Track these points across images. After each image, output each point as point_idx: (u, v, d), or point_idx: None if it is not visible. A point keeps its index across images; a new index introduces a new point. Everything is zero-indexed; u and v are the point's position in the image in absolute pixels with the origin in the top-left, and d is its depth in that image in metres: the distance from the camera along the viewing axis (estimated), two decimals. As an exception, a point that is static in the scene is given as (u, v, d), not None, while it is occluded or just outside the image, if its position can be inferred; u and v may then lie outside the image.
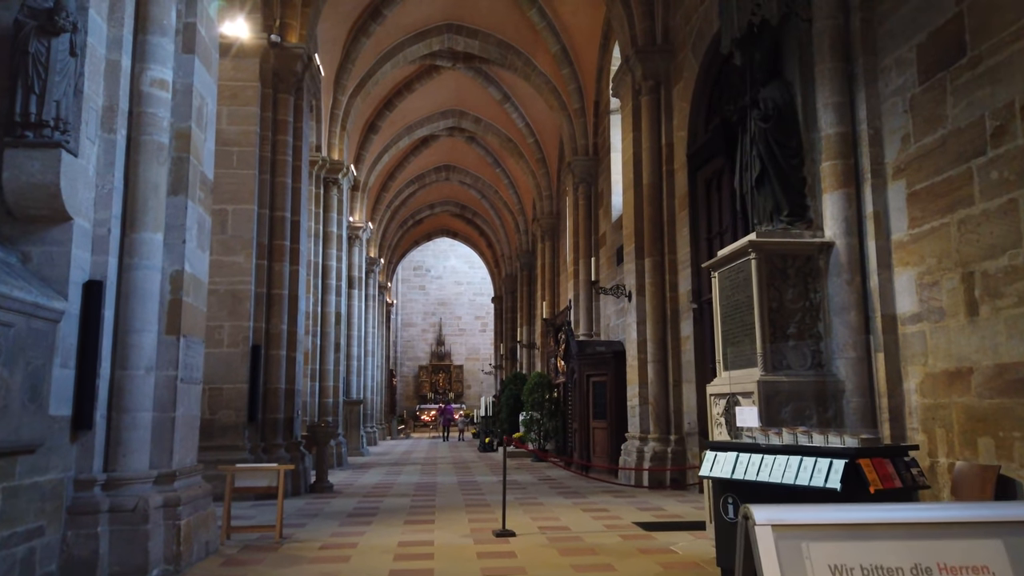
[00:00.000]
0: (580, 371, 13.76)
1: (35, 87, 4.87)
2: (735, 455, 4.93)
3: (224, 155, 10.55)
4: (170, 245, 5.85)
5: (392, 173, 25.98)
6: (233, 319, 10.30)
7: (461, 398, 44.23)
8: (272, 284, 10.87)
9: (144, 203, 5.64)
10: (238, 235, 10.47)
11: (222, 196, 10.46)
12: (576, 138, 16.97)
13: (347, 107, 16.95)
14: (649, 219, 11.45)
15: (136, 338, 5.51)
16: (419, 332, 46.38)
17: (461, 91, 21.61)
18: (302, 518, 8.19)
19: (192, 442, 6.14)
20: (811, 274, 6.41)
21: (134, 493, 5.31)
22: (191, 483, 5.92)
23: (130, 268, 5.55)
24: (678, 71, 11.27)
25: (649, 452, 10.88)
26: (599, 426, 13.29)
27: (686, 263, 10.84)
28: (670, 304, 11.14)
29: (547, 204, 22.28)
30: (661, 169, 11.47)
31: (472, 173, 27.97)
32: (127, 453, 5.38)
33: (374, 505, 9.27)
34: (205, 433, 9.93)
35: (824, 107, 6.58)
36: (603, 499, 9.61)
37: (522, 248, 27.59)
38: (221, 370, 10.19)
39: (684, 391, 10.81)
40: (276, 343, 10.83)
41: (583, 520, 7.87)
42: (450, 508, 8.98)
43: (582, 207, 16.82)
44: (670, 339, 11.06)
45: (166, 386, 5.70)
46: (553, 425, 16.97)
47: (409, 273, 46.23)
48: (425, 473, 14.12)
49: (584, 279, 16.62)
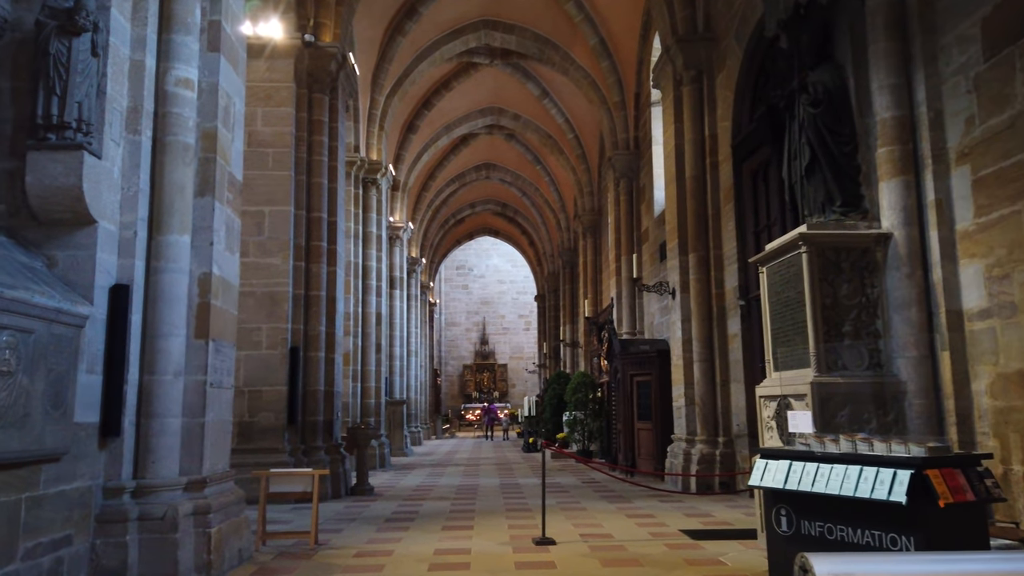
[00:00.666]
0: (623, 370, 13.42)
1: (56, 88, 4.79)
2: (788, 463, 4.58)
3: (259, 157, 10.53)
4: (197, 247, 5.75)
5: (432, 173, 25.91)
6: (271, 321, 10.26)
7: (506, 397, 44.08)
8: (310, 286, 10.80)
9: (170, 205, 5.54)
10: (275, 237, 10.43)
11: (258, 198, 10.45)
12: (616, 132, 16.59)
13: (384, 107, 16.87)
14: (693, 213, 11.06)
15: (164, 343, 5.41)
16: (463, 331, 46.39)
17: (499, 88, 21.39)
18: (340, 523, 8.07)
19: (223, 448, 6.03)
20: (867, 268, 6.00)
21: (163, 501, 5.21)
22: (222, 489, 5.81)
23: (157, 271, 5.46)
24: (721, 59, 10.85)
25: (696, 455, 10.50)
26: (644, 427, 12.94)
27: (732, 258, 10.43)
28: (716, 301, 10.73)
29: (588, 200, 21.93)
30: (704, 161, 11.06)
31: (512, 171, 27.75)
32: (156, 460, 5.29)
33: (413, 509, 9.11)
34: (245, 436, 9.95)
35: (879, 90, 6.16)
36: (648, 504, 9.28)
37: (564, 245, 27.27)
38: (260, 373, 10.16)
39: (732, 391, 10.40)
40: (315, 345, 10.76)
41: (627, 527, 7.56)
42: (490, 513, 8.77)
43: (623, 203, 16.45)
44: (716, 337, 10.65)
45: (195, 391, 5.60)
46: (597, 425, 16.65)
47: (452, 272, 46.27)
48: (467, 475, 13.95)
49: (626, 276, 16.25)
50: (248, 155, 10.48)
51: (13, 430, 3.99)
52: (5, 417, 3.93)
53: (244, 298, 10.18)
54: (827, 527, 4.39)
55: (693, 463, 10.52)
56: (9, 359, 3.96)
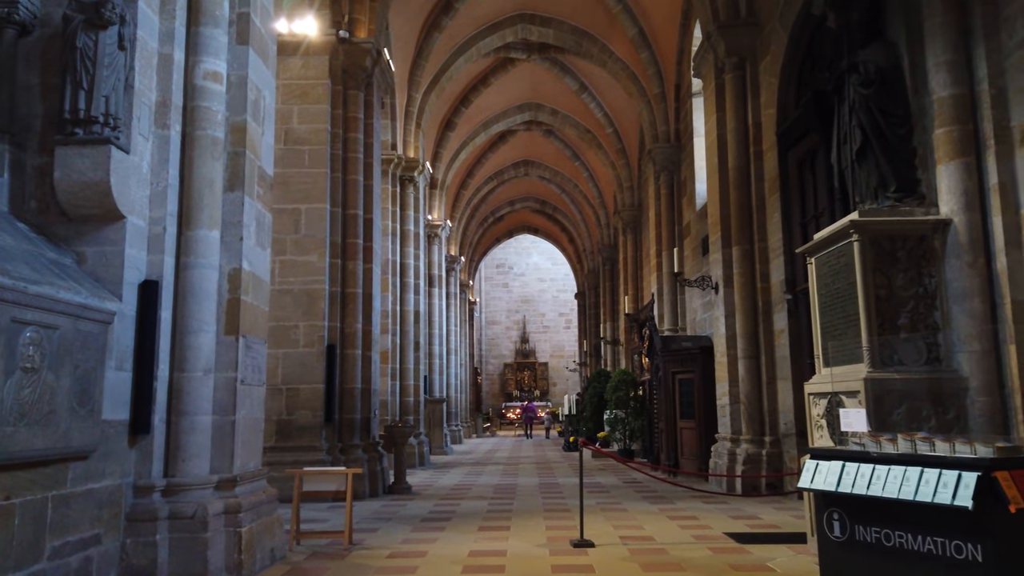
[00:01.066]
0: (665, 368, 13.10)
1: (83, 82, 4.74)
2: (841, 464, 4.29)
3: (296, 154, 10.52)
4: (227, 243, 5.67)
5: (470, 171, 25.83)
6: (308, 319, 10.23)
7: (546, 395, 43.89)
8: (346, 283, 10.76)
9: (199, 200, 5.47)
10: (311, 234, 10.40)
11: (295, 196, 10.43)
12: (656, 125, 16.25)
13: (421, 104, 16.80)
14: (736, 205, 10.70)
15: (194, 339, 5.34)
16: (503, 330, 46.33)
17: (537, 83, 21.18)
18: (376, 522, 7.97)
19: (255, 446, 5.95)
20: (924, 257, 5.65)
21: (194, 499, 5.14)
22: (254, 488, 5.73)
23: (187, 267, 5.40)
24: (764, 45, 10.47)
25: (742, 455, 10.15)
26: (687, 426, 12.60)
27: (778, 251, 10.05)
28: (761, 295, 10.36)
29: (628, 196, 21.58)
30: (748, 151, 10.69)
31: (551, 167, 27.51)
32: (187, 458, 5.22)
33: (450, 509, 8.97)
34: (283, 434, 9.94)
35: (935, 67, 5.80)
36: (691, 505, 8.99)
37: (604, 242, 26.93)
38: (297, 370, 10.14)
39: (779, 389, 10.03)
40: (351, 342, 10.71)
41: (669, 529, 7.30)
42: (527, 513, 8.58)
43: (664, 196, 16.09)
44: (762, 333, 10.29)
45: (226, 388, 5.52)
46: (638, 424, 16.34)
47: (492, 271, 46.23)
48: (506, 474, 13.79)
49: (668, 271, 15.90)
50: (284, 153, 10.50)
51: (38, 427, 3.93)
52: (29, 414, 3.87)
53: (281, 296, 10.20)
54: (884, 533, 4.10)
55: (738, 463, 10.18)
56: (33, 355, 3.91)
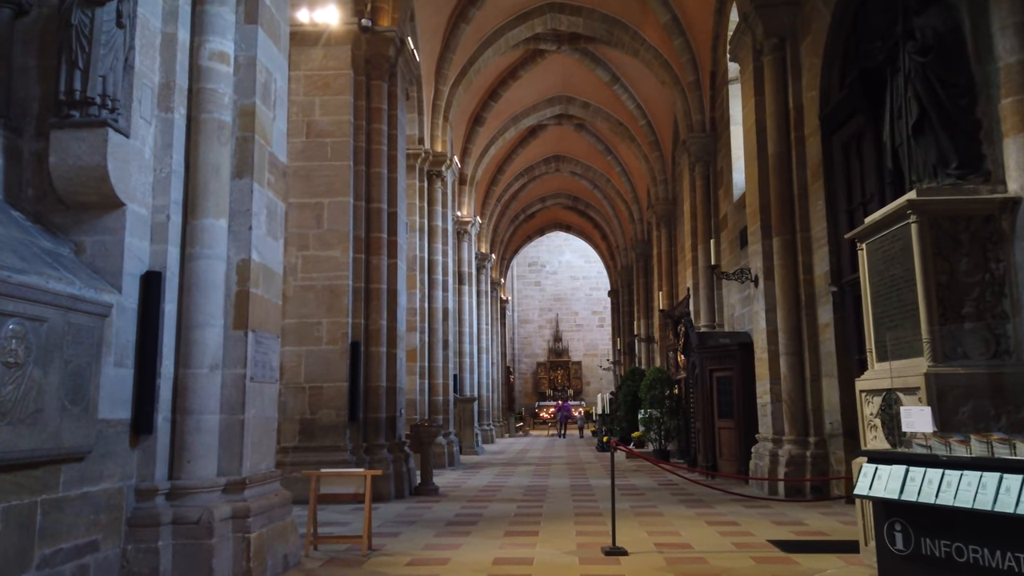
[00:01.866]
0: (702, 365, 12.58)
1: (79, 61, 4.48)
2: (904, 470, 3.82)
3: (318, 147, 10.26)
4: (235, 232, 5.38)
5: (500, 167, 25.47)
6: (331, 315, 9.96)
7: (580, 395, 43.37)
8: (370, 279, 10.46)
9: (205, 187, 5.18)
10: (334, 229, 10.13)
11: (317, 189, 10.18)
12: (691, 114, 15.71)
13: (449, 98, 16.48)
14: (776, 193, 10.16)
15: (199, 334, 5.05)
16: (535, 329, 45.94)
17: (567, 75, 20.74)
18: (398, 525, 7.64)
19: (267, 446, 5.65)
20: (991, 239, 5.12)
21: (199, 503, 4.85)
22: (265, 491, 5.43)
23: (192, 258, 5.11)
24: (805, 23, 9.91)
25: (784, 456, 9.62)
26: (725, 426, 12.08)
27: (822, 241, 9.50)
28: (804, 288, 9.81)
29: (662, 189, 21.02)
30: (789, 136, 10.14)
31: (582, 162, 27.03)
32: (192, 459, 4.93)
33: (477, 512, 8.61)
34: (306, 433, 9.68)
35: (1001, 30, 5.26)
36: (731, 509, 8.50)
37: (637, 238, 26.37)
38: (321, 368, 9.88)
39: (824, 386, 9.47)
40: (376, 339, 10.41)
41: (708, 536, 6.84)
42: (557, 517, 8.18)
43: (700, 188, 15.55)
44: (805, 328, 9.73)
45: (234, 385, 5.22)
46: (674, 424, 15.81)
47: (524, 269, 45.87)
48: (537, 475, 13.39)
49: (704, 266, 15.35)
50: (306, 146, 10.25)
51: (23, 427, 3.66)
52: (12, 413, 3.59)
53: (304, 292, 9.95)
54: (955, 547, 3.63)
55: (781, 465, 9.65)
56: (16, 349, 3.63)
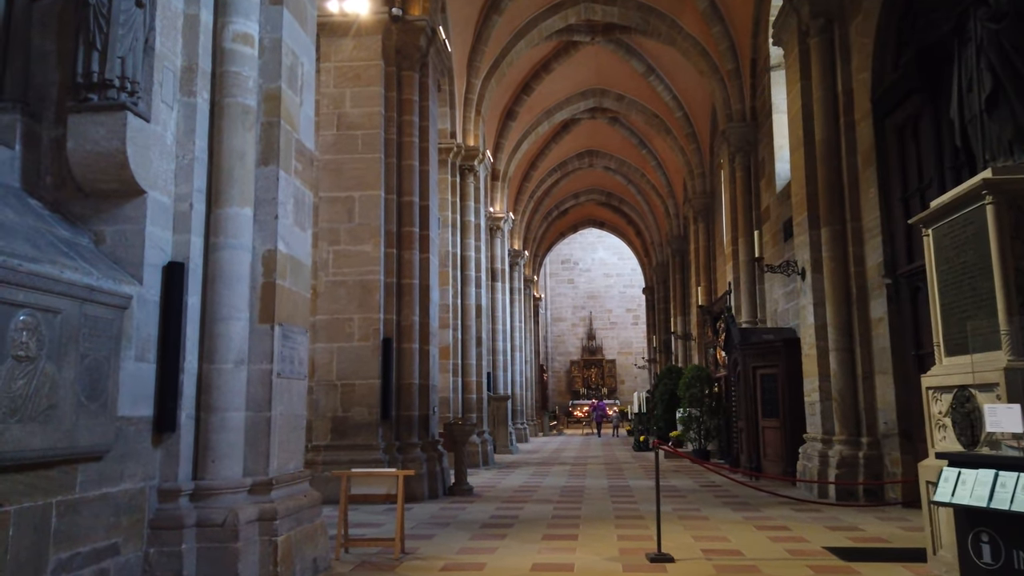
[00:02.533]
0: (744, 362, 12.13)
1: (96, 42, 4.27)
2: (992, 474, 3.43)
3: (349, 140, 10.05)
4: (261, 222, 5.15)
5: (533, 162, 25.15)
6: (363, 311, 9.75)
7: (614, 393, 42.90)
8: (402, 274, 10.24)
9: (229, 174, 4.96)
10: (365, 223, 9.92)
11: (348, 183, 9.98)
12: (731, 103, 15.22)
13: (481, 91, 16.21)
14: (824, 181, 9.70)
15: (224, 327, 4.83)
16: (569, 327, 45.58)
17: (601, 68, 20.34)
18: (432, 527, 7.37)
19: (296, 445, 5.42)
20: (1078, 221, 4.67)
21: (224, 505, 4.62)
22: (293, 492, 5.19)
23: (216, 248, 4.89)
24: (855, 2, 9.41)
25: (835, 457, 9.15)
26: (769, 425, 11.61)
27: (874, 231, 9.01)
28: (855, 280, 9.33)
29: (699, 183, 20.51)
30: (837, 122, 9.67)
31: (616, 157, 26.57)
32: (216, 459, 4.71)
33: (513, 513, 8.32)
34: (339, 431, 9.48)
35: (1087, -7, 4.80)
36: (780, 513, 8.08)
37: (673, 233, 25.85)
38: (352, 365, 9.67)
39: (878, 384, 8.99)
40: (408, 336, 10.18)
41: (758, 542, 6.46)
42: (597, 519, 7.85)
43: (740, 180, 15.05)
44: (857, 322, 9.26)
45: (260, 381, 4.99)
46: (714, 423, 15.35)
47: (557, 267, 45.51)
48: (573, 475, 13.06)
49: (745, 260, 14.86)
50: (337, 139, 10.06)
51: (35, 424, 3.45)
52: (24, 409, 3.38)
53: (335, 288, 9.76)
54: (1053, 562, 3.23)
55: (831, 467, 9.19)
56: (27, 342, 3.42)
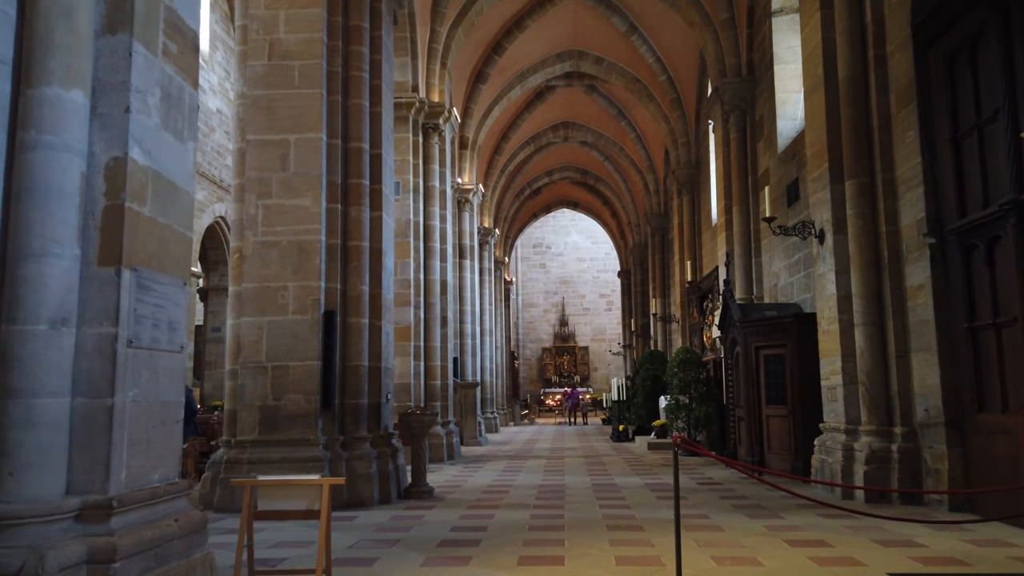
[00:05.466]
0: (745, 342, 10.66)
1: None
2: None
3: (283, 71, 8.33)
4: (104, 116, 3.46)
5: (505, 134, 23.47)
6: (299, 278, 8.06)
7: (587, 381, 41.69)
8: (348, 234, 8.56)
9: (47, 37, 3.27)
10: (303, 172, 8.21)
11: (282, 124, 8.26)
12: (724, 57, 13.72)
13: (447, 42, 14.49)
14: (850, 127, 8.22)
15: (34, 268, 3.15)
16: (541, 313, 44.25)
17: (579, 26, 18.72)
18: (375, 547, 5.76)
19: (165, 446, 3.75)
20: None
21: (26, 542, 2.96)
22: (154, 516, 3.53)
23: (24, 148, 3.20)
24: (889, -87, 7.93)
25: (863, 450, 7.72)
26: (775, 413, 10.18)
27: (912, 181, 7.55)
28: (887, 242, 7.87)
29: (683, 152, 19.04)
30: (865, 56, 8.19)
31: (594, 129, 24.99)
32: (18, 470, 3.04)
33: (480, 523, 6.74)
34: (268, 424, 7.82)
35: None
36: (808, 521, 6.61)
37: (652, 211, 24.41)
38: (286, 343, 7.99)
39: (915, 364, 7.56)
40: (356, 309, 8.52)
41: (800, 566, 4.95)
42: (585, 528, 6.31)
43: (734, 142, 13.57)
44: (889, 291, 7.81)
45: (98, 352, 3.32)
46: (703, 411, 13.91)
47: (528, 251, 44.10)
48: (550, 470, 11.53)
49: (739, 231, 13.41)
50: (269, 70, 8.36)
51: None
52: None
53: (265, 250, 8.09)
54: None
55: (858, 462, 7.76)
56: None
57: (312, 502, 4.56)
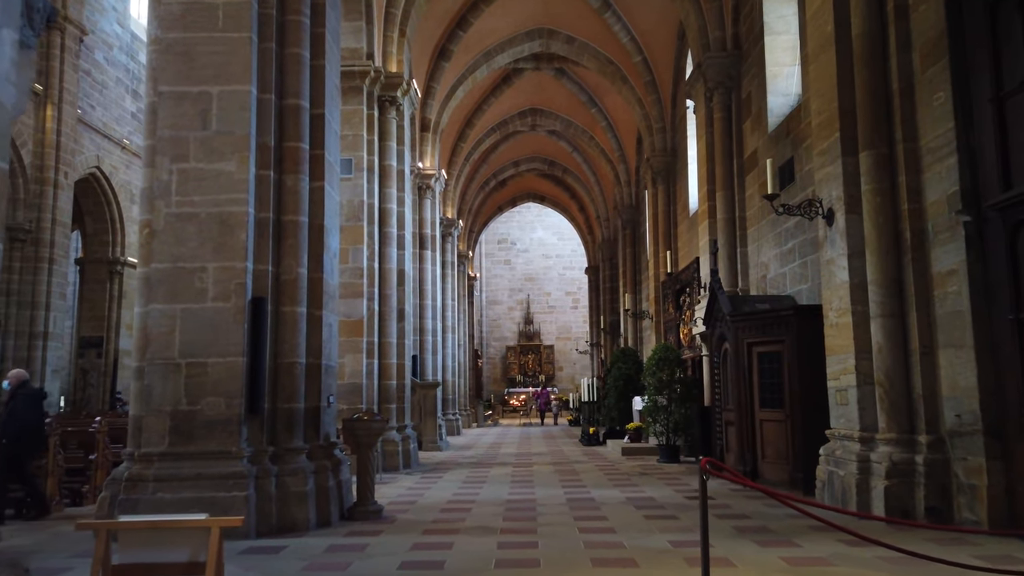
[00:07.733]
0: (736, 338, 9.59)
1: None
2: None
3: (204, 11, 6.99)
4: None
5: (469, 119, 22.23)
6: (221, 258, 6.72)
7: (552, 380, 40.68)
8: (283, 207, 7.24)
9: None
10: (227, 131, 6.86)
11: (202, 73, 6.93)
12: (708, 31, 12.67)
13: (407, 6, 13.21)
14: (865, 90, 7.17)
15: None
16: (505, 310, 43.14)
17: (549, 2, 17.56)
18: (300, 594, 4.48)
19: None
20: None
21: None
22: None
23: None
24: None
25: (882, 462, 6.66)
26: (770, 417, 9.12)
27: (941, 150, 6.52)
28: (909, 221, 6.83)
29: (659, 139, 18.00)
30: (883, 7, 7.16)
31: (563, 117, 23.87)
32: None
33: (435, 558, 5.49)
34: (181, 433, 6.48)
35: None
36: (831, 550, 5.51)
37: (623, 202, 23.39)
38: (205, 336, 6.64)
39: (943, 362, 6.53)
40: (291, 296, 7.20)
41: (848, 622, 3.82)
42: (565, 562, 5.11)
43: (719, 122, 12.52)
44: (912, 278, 6.77)
45: None
46: (682, 414, 12.84)
47: (493, 247, 42.96)
48: (518, 481, 10.32)
49: (724, 218, 12.37)
50: (187, 10, 7.03)
51: None
52: None
53: (180, 223, 6.77)
54: None
55: (876, 475, 6.71)
56: None
57: (197, 551, 3.28)
